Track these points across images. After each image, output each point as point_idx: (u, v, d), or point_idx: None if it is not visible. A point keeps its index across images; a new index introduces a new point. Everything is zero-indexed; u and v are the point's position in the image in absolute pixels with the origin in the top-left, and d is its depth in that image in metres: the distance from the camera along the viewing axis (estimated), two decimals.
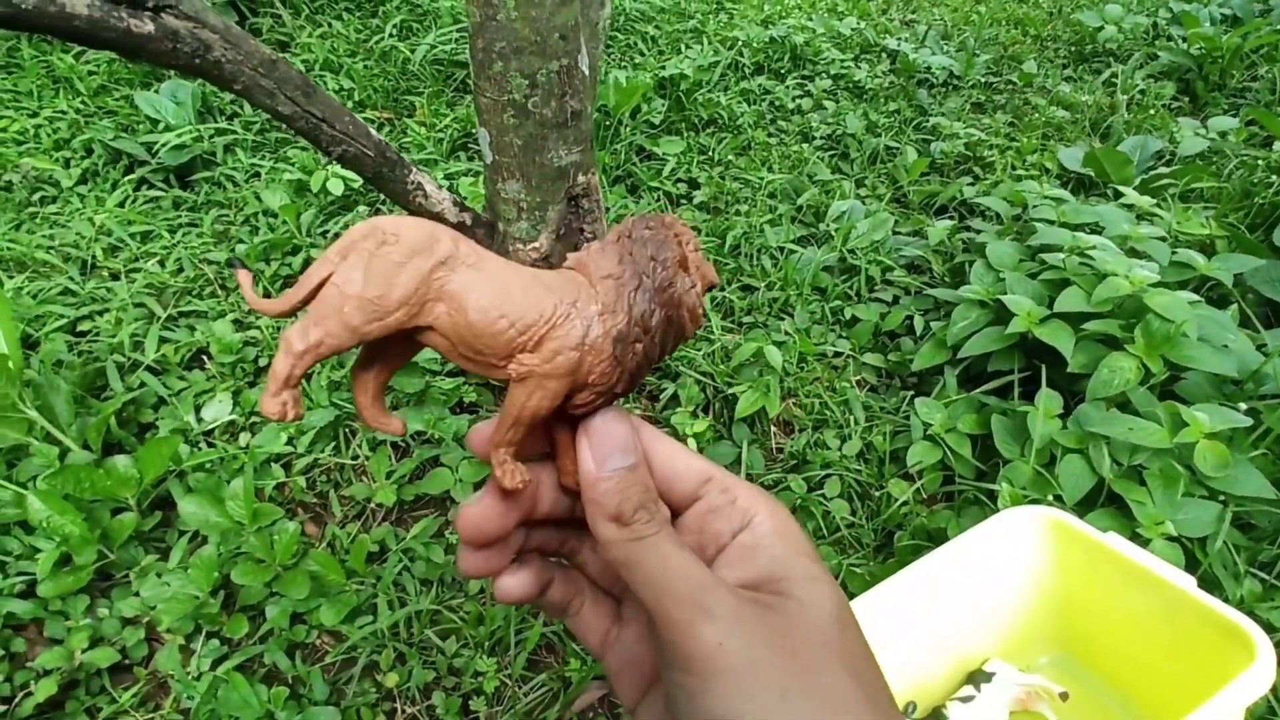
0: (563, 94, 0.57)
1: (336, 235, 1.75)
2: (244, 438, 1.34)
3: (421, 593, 1.16)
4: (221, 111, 2.06)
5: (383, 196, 1.88)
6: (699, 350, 1.46)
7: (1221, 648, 0.84)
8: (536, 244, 0.62)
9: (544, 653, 1.13)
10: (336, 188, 1.76)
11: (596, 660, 0.27)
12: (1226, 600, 1.15)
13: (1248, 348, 1.30)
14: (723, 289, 1.59)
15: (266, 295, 1.62)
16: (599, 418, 0.26)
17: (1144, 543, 1.09)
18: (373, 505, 1.28)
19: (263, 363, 1.45)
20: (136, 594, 1.11)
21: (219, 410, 1.35)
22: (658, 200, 1.88)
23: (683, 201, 1.92)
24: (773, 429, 1.38)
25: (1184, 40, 2.72)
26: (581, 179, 0.62)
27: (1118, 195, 1.71)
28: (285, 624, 1.11)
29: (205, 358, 1.46)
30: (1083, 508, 1.15)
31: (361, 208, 1.81)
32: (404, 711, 1.06)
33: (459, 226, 0.63)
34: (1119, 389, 1.19)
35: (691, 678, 0.22)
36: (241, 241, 1.70)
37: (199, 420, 1.34)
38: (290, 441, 1.30)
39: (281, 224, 1.72)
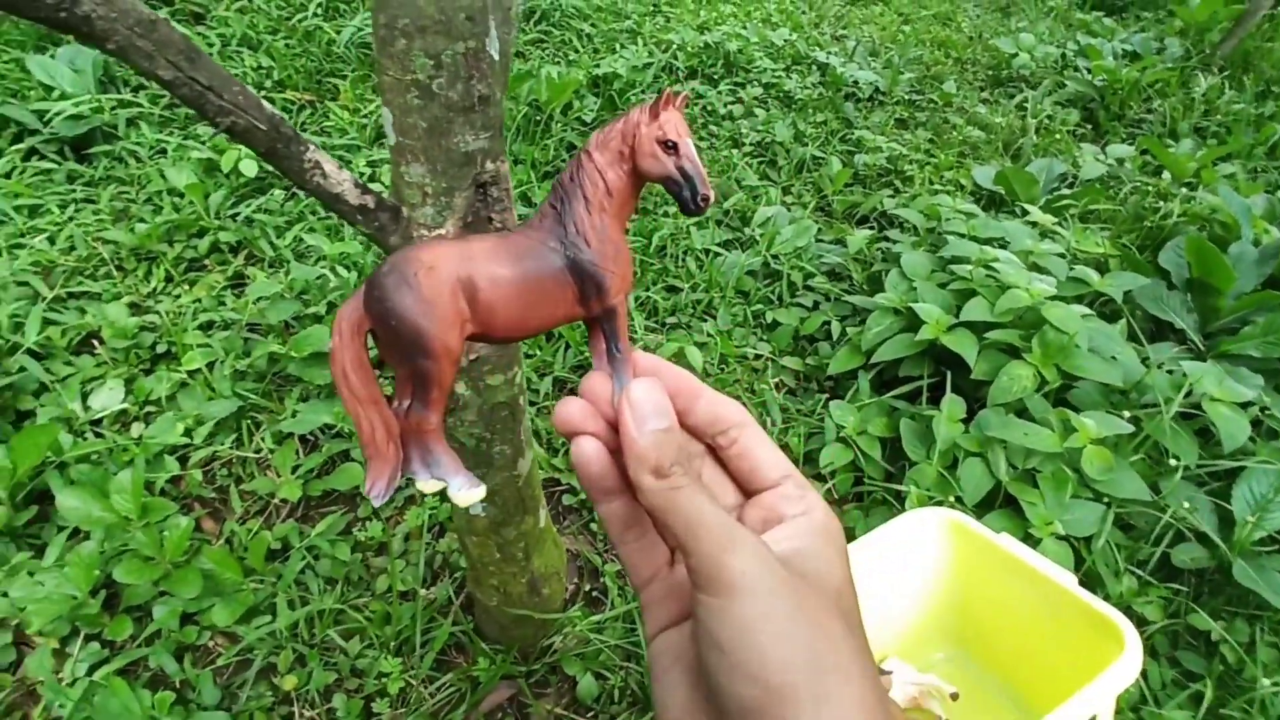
0: (469, 77, 0.55)
1: (249, 219, 1.67)
2: (136, 428, 1.26)
3: (325, 591, 1.12)
4: (126, 82, 1.94)
5: None
6: None
7: (1097, 641, 0.89)
8: (443, 230, 0.61)
9: (452, 652, 1.10)
10: (250, 169, 1.68)
11: (636, 593, 0.34)
12: (1107, 596, 1.23)
13: (1133, 359, 1.39)
14: (647, 289, 1.60)
15: (168, 279, 1.53)
16: (637, 387, 0.30)
17: (1035, 542, 1.14)
18: (276, 501, 1.22)
19: (160, 349, 1.37)
20: (4, 594, 1.03)
21: (109, 398, 1.27)
22: None
23: None
24: None
25: (1089, 71, 2.89)
26: (490, 166, 0.61)
27: (1024, 213, 1.79)
28: (174, 625, 1.05)
29: (96, 342, 1.37)
30: (982, 508, 1.20)
31: (277, 191, 1.74)
32: (302, 715, 1.02)
33: (361, 209, 0.61)
34: (1017, 395, 1.25)
35: (717, 597, 0.27)
36: (143, 221, 1.60)
37: (86, 409, 1.26)
38: (188, 433, 1.23)
39: (188, 204, 1.63)
